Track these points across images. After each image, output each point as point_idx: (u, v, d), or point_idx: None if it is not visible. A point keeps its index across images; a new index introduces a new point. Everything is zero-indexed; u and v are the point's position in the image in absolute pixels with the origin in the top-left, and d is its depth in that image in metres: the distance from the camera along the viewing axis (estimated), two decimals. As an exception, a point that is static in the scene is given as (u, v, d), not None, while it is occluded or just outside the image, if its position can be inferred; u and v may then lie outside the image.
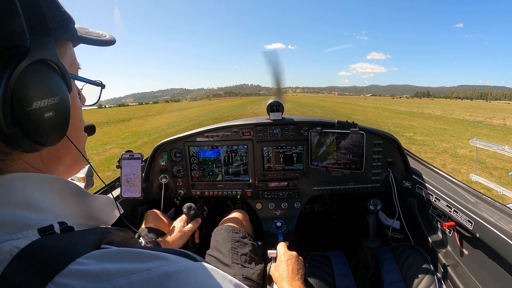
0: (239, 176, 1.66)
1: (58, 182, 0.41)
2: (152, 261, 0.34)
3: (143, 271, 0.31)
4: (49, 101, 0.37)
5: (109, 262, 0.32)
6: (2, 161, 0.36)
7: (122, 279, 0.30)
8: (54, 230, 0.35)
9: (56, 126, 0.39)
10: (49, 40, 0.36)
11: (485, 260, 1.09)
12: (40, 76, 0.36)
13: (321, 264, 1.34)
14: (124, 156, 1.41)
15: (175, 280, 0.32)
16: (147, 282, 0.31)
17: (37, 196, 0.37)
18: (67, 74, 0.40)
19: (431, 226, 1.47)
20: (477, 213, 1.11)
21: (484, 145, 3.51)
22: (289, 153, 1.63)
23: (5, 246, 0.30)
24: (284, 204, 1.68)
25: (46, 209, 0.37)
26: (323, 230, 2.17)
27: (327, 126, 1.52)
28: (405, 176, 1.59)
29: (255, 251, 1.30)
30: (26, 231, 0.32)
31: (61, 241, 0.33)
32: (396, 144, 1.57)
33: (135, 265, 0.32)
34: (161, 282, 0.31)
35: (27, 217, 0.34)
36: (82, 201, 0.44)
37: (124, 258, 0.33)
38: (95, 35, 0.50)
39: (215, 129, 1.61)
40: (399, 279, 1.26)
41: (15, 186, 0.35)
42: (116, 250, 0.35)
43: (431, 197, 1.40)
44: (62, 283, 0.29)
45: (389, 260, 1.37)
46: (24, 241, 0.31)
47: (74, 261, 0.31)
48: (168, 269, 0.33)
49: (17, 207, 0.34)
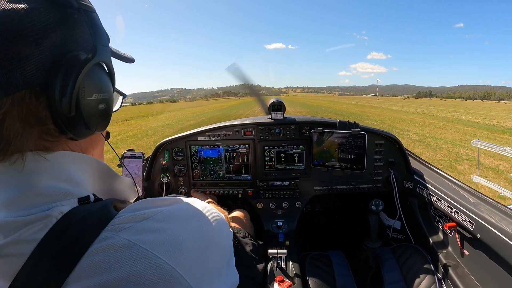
0: (240, 176, 1.67)
1: (93, 161, 0.48)
2: (165, 201, 0.46)
3: (163, 206, 0.44)
4: (103, 95, 0.46)
5: (139, 210, 0.42)
6: (51, 142, 0.41)
7: (153, 209, 0.42)
8: (90, 200, 0.43)
9: (104, 116, 0.48)
10: (107, 48, 0.46)
11: (485, 261, 1.09)
12: (100, 74, 0.46)
13: (322, 264, 1.34)
14: (125, 155, 1.41)
15: (188, 205, 0.47)
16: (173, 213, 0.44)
17: (76, 172, 0.44)
18: (114, 76, 0.50)
19: (432, 226, 1.47)
20: (478, 214, 1.11)
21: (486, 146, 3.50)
22: (290, 153, 1.63)
23: (54, 211, 0.37)
24: (285, 204, 1.68)
25: (83, 183, 0.44)
26: (324, 230, 2.17)
27: (328, 126, 1.52)
28: (406, 177, 1.59)
29: (255, 250, 1.30)
30: (68, 200, 0.40)
31: (97, 207, 0.41)
32: (397, 144, 1.57)
33: (158, 205, 0.44)
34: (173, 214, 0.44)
35: (68, 188, 0.41)
36: (111, 181, 0.52)
37: (148, 204, 0.44)
38: (120, 52, 0.60)
39: (217, 128, 1.62)
40: (400, 280, 1.26)
41: (57, 162, 0.41)
42: (142, 201, 0.45)
43: (432, 197, 1.40)
44: (114, 227, 0.38)
45: (389, 260, 1.37)
46: (67, 208, 0.38)
47: (116, 215, 0.41)
48: (176, 206, 0.45)
49: (60, 180, 0.41)
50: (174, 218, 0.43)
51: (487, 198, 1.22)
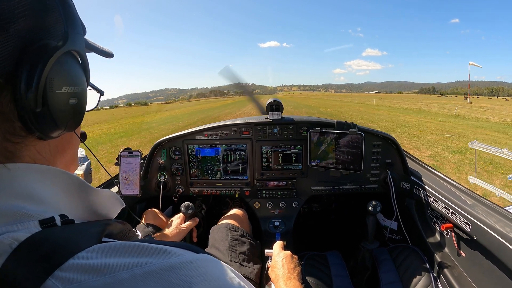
0: (238, 175, 1.66)
1: (61, 175, 0.41)
2: (154, 254, 0.34)
3: (145, 265, 0.32)
4: (75, 88, 0.41)
5: (112, 256, 0.32)
6: (16, 144, 0.36)
7: (125, 272, 0.30)
8: (55, 222, 0.34)
9: (76, 113, 0.43)
10: (81, 37, 0.41)
11: (482, 262, 1.10)
12: (72, 64, 0.41)
13: (319, 264, 1.34)
14: (123, 154, 1.40)
15: (177, 272, 0.32)
16: (150, 274, 0.31)
17: (39, 188, 0.37)
18: (88, 69, 0.45)
19: (429, 227, 1.47)
20: (475, 215, 1.11)
21: (483, 148, 3.51)
22: (288, 153, 1.63)
23: (5, 238, 0.30)
24: (282, 204, 1.68)
25: (48, 202, 0.37)
26: (321, 230, 2.17)
27: (326, 126, 1.52)
28: (403, 177, 1.60)
29: (253, 250, 1.30)
30: (27, 222, 0.32)
31: (62, 233, 0.33)
32: (394, 145, 1.57)
33: (138, 259, 0.32)
34: (164, 275, 0.31)
35: (28, 208, 0.33)
36: (84, 195, 0.44)
37: (126, 252, 0.33)
38: (98, 45, 0.54)
39: (214, 127, 1.61)
40: (396, 280, 1.26)
41: (19, 176, 0.35)
42: (118, 244, 0.34)
43: (429, 198, 1.40)
44: (63, 277, 0.29)
45: (386, 261, 1.37)
46: (24, 234, 0.31)
47: (76, 255, 0.31)
48: (171, 261, 0.33)
49: (19, 198, 0.34)
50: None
51: (483, 199, 1.22)
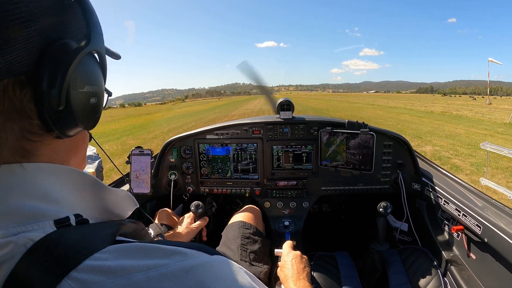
0: (248, 174, 1.68)
1: (76, 174, 0.41)
2: (170, 256, 0.34)
3: (161, 266, 0.32)
4: (95, 88, 0.42)
5: (127, 258, 0.32)
6: (33, 142, 0.36)
7: (140, 274, 0.30)
8: (70, 222, 0.35)
9: (95, 112, 0.43)
10: (102, 37, 0.41)
11: (492, 265, 1.09)
12: (93, 64, 0.41)
13: (327, 265, 1.35)
14: (134, 152, 1.42)
15: (193, 274, 0.33)
16: (166, 276, 0.31)
17: (55, 187, 0.37)
18: (106, 69, 0.45)
19: (440, 229, 1.46)
20: (486, 217, 1.10)
21: (495, 149, 3.44)
22: (298, 152, 1.63)
23: (20, 239, 0.30)
24: (292, 204, 1.69)
25: (63, 201, 0.37)
26: (331, 230, 2.17)
27: (337, 126, 1.52)
28: (414, 178, 1.58)
29: (263, 249, 1.31)
30: (42, 222, 0.32)
31: (77, 234, 0.34)
32: (406, 145, 1.56)
33: (153, 260, 0.33)
34: (179, 277, 0.32)
35: (43, 208, 0.33)
36: (98, 194, 0.44)
37: (142, 253, 0.34)
38: (107, 47, 0.56)
39: (225, 127, 1.62)
40: (406, 282, 1.26)
41: (35, 176, 0.35)
42: (133, 246, 0.35)
43: (440, 200, 1.39)
44: (79, 278, 0.29)
45: (396, 262, 1.36)
46: (39, 234, 0.31)
47: (91, 256, 0.31)
48: (186, 263, 0.33)
49: (35, 197, 0.34)
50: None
51: (495, 201, 1.21)
